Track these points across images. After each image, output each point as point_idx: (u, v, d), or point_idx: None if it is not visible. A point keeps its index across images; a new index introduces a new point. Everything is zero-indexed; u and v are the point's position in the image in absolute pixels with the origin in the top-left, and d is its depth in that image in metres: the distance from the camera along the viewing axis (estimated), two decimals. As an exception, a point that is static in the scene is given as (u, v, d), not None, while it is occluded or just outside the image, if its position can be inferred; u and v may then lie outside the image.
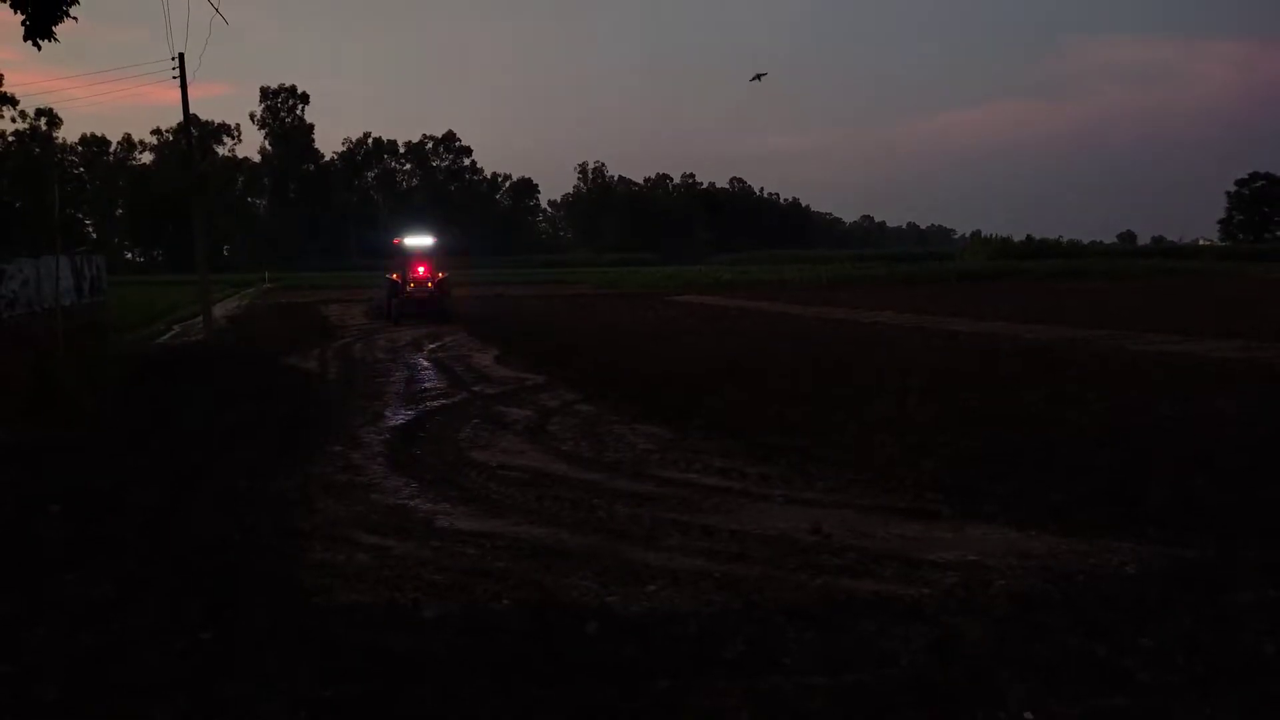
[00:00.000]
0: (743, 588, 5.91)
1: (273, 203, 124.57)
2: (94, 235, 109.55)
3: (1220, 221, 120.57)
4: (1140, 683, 4.46)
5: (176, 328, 30.35)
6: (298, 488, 8.70)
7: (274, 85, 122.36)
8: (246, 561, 6.51)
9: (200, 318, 29.75)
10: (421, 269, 31.39)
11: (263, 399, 14.08)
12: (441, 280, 31.33)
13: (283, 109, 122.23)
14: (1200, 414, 11.15)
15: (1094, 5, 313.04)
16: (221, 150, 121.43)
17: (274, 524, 7.50)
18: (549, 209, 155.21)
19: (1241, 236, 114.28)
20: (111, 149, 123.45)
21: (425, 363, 19.18)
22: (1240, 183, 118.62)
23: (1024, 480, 8.21)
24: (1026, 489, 7.93)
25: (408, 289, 30.76)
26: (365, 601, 5.80)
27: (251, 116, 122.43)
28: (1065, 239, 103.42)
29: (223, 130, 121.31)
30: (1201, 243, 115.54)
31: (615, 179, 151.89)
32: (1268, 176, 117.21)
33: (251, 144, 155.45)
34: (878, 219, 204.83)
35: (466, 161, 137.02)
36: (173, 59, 30.03)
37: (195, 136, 41.26)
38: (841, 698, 4.40)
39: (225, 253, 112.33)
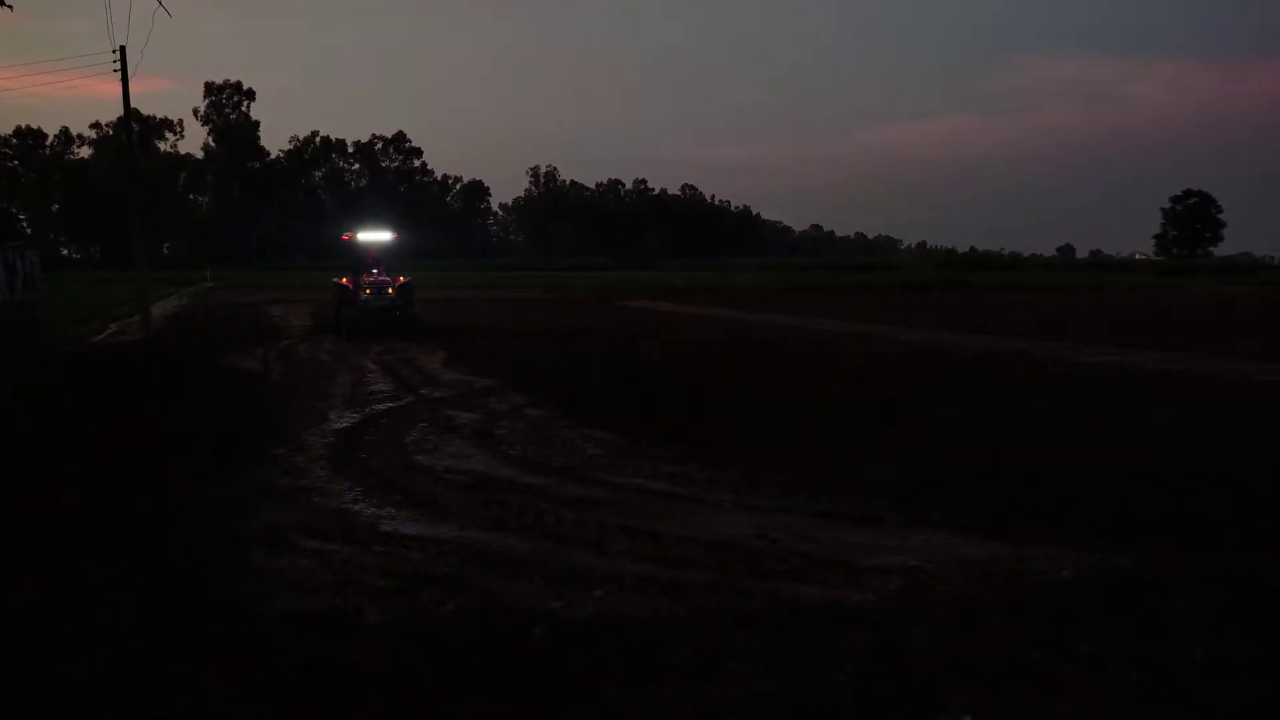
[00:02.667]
0: (690, 593, 5.90)
1: (216, 200, 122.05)
2: (28, 230, 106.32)
3: (1155, 236, 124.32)
4: (1079, 689, 4.54)
5: (113, 326, 29.53)
6: (238, 493, 8.50)
7: (218, 80, 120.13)
8: (183, 569, 6.33)
9: (138, 316, 29.02)
10: (378, 271, 25.76)
11: (203, 401, 13.75)
12: (404, 286, 25.36)
13: (227, 105, 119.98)
14: (1138, 425, 11.44)
15: (1038, 25, 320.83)
16: (163, 146, 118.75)
17: (213, 530, 7.31)
18: (500, 212, 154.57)
19: (1176, 251, 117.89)
20: (48, 142, 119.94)
21: (372, 365, 18.90)
22: (1175, 199, 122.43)
23: (968, 488, 8.34)
24: (970, 496, 8.05)
25: (362, 296, 24.87)
26: (306, 608, 5.67)
27: (195, 112, 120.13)
28: (1007, 251, 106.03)
29: (165, 125, 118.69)
30: (1137, 257, 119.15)
31: (567, 183, 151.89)
32: (1200, 194, 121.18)
33: (195, 140, 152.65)
34: (826, 228, 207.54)
35: (417, 163, 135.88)
36: (113, 52, 29.35)
37: (136, 131, 40.26)
38: (787, 704, 4.41)
39: (166, 250, 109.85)
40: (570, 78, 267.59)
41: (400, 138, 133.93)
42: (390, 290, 25.09)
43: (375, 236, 26.83)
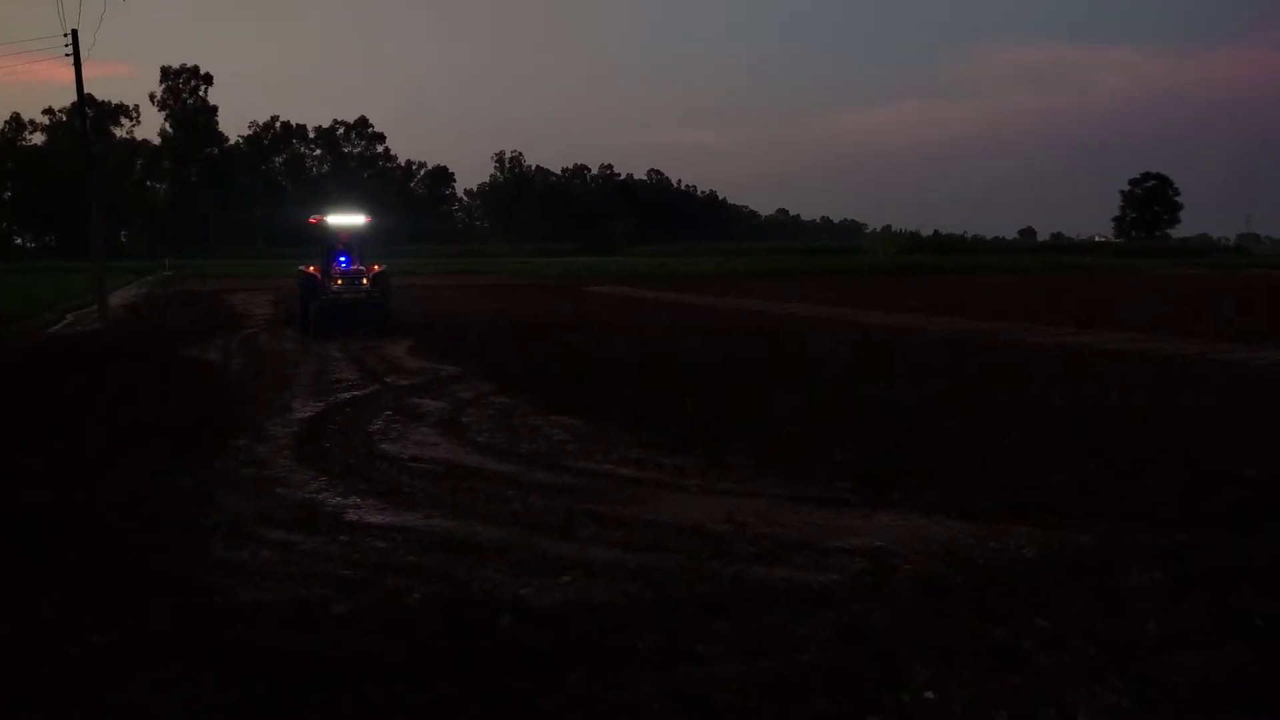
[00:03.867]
0: (657, 578, 5.94)
1: (174, 187, 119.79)
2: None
3: (1114, 219, 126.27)
4: (1036, 664, 4.64)
5: (70, 317, 28.99)
6: (200, 484, 8.41)
7: (175, 65, 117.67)
8: (145, 561, 6.26)
9: (96, 306, 28.50)
10: (351, 259, 23.10)
11: (162, 392, 13.55)
12: (380, 275, 22.88)
13: (184, 90, 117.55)
14: (1095, 404, 11.65)
15: (1001, 12, 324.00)
16: (119, 132, 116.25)
17: (175, 522, 7.23)
18: (465, 198, 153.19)
19: (1134, 233, 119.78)
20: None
21: (336, 354, 18.71)
22: (1133, 182, 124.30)
23: (930, 469, 8.45)
24: (932, 477, 8.17)
25: (332, 288, 22.33)
26: (270, 600, 5.64)
27: (151, 97, 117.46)
28: (970, 234, 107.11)
29: (120, 111, 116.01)
30: (1097, 239, 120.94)
31: (533, 169, 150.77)
32: (1158, 176, 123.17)
33: (151, 126, 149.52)
34: (793, 212, 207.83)
35: (380, 148, 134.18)
36: (65, 35, 28.73)
37: (91, 117, 39.42)
38: (753, 685, 4.46)
39: (123, 239, 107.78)
40: (535, 62, 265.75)
41: (363, 123, 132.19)
42: (365, 280, 22.49)
43: (347, 220, 24.15)
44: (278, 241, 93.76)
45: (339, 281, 22.46)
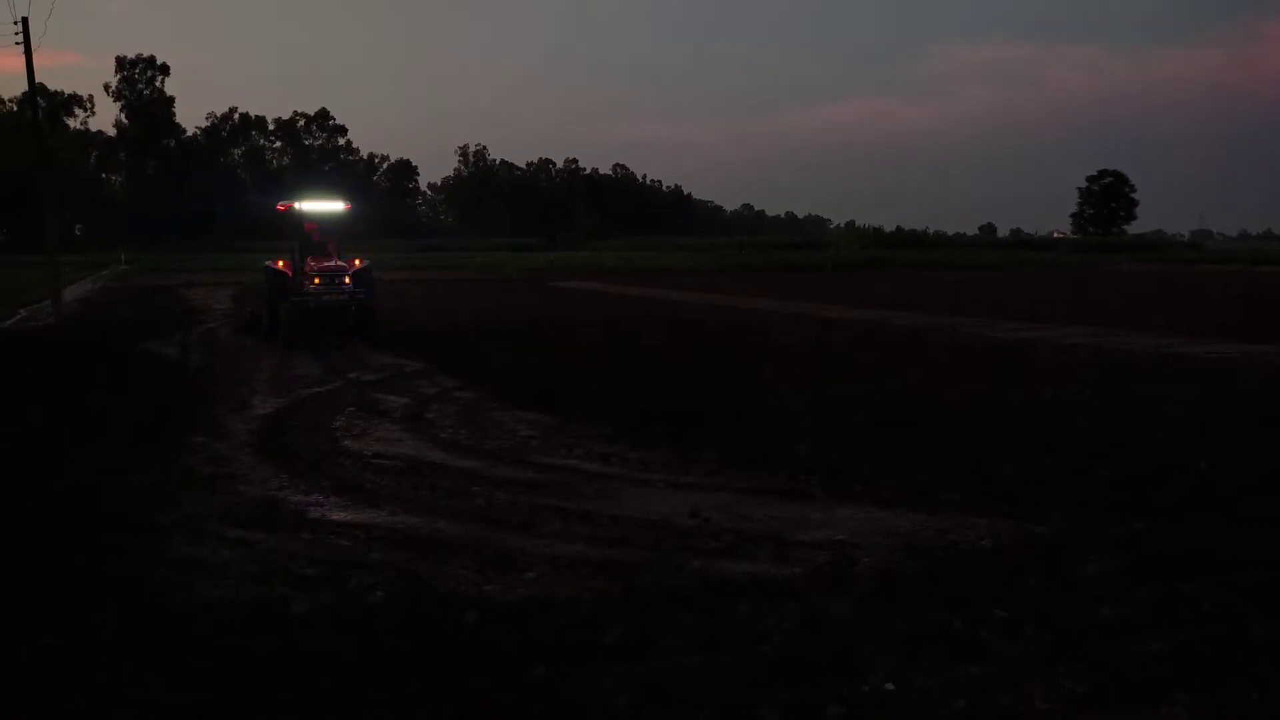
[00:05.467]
0: (622, 572, 5.95)
1: (130, 180, 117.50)
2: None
3: (1072, 215, 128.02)
4: (994, 652, 4.72)
5: (23, 312, 28.34)
6: (157, 481, 8.28)
7: (131, 55, 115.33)
8: (100, 560, 6.15)
9: (49, 301, 27.91)
10: (329, 253, 19.80)
11: (118, 388, 13.32)
12: (362, 272, 19.39)
13: (140, 80, 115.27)
14: (1051, 397, 11.85)
15: (963, 10, 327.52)
16: (73, 123, 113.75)
17: (131, 520, 7.11)
18: (429, 192, 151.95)
19: (1091, 229, 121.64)
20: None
21: (297, 349, 18.47)
22: (1090, 179, 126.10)
23: (891, 462, 8.55)
24: (893, 470, 8.26)
25: (308, 287, 18.82)
26: (230, 599, 5.57)
27: (106, 88, 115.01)
28: (932, 230, 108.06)
29: (74, 101, 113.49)
30: (1056, 235, 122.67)
31: (497, 163, 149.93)
32: (1115, 174, 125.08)
33: (106, 117, 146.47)
34: (757, 207, 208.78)
35: (342, 141, 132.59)
36: (15, 23, 28.10)
37: (43, 107, 38.53)
38: (716, 677, 4.49)
39: (78, 232, 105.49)
40: (499, 56, 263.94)
41: (324, 115, 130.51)
42: (346, 279, 19.05)
43: (323, 207, 20.46)
44: (238, 235, 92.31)
45: (316, 280, 18.89)
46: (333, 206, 20.67)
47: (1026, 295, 32.65)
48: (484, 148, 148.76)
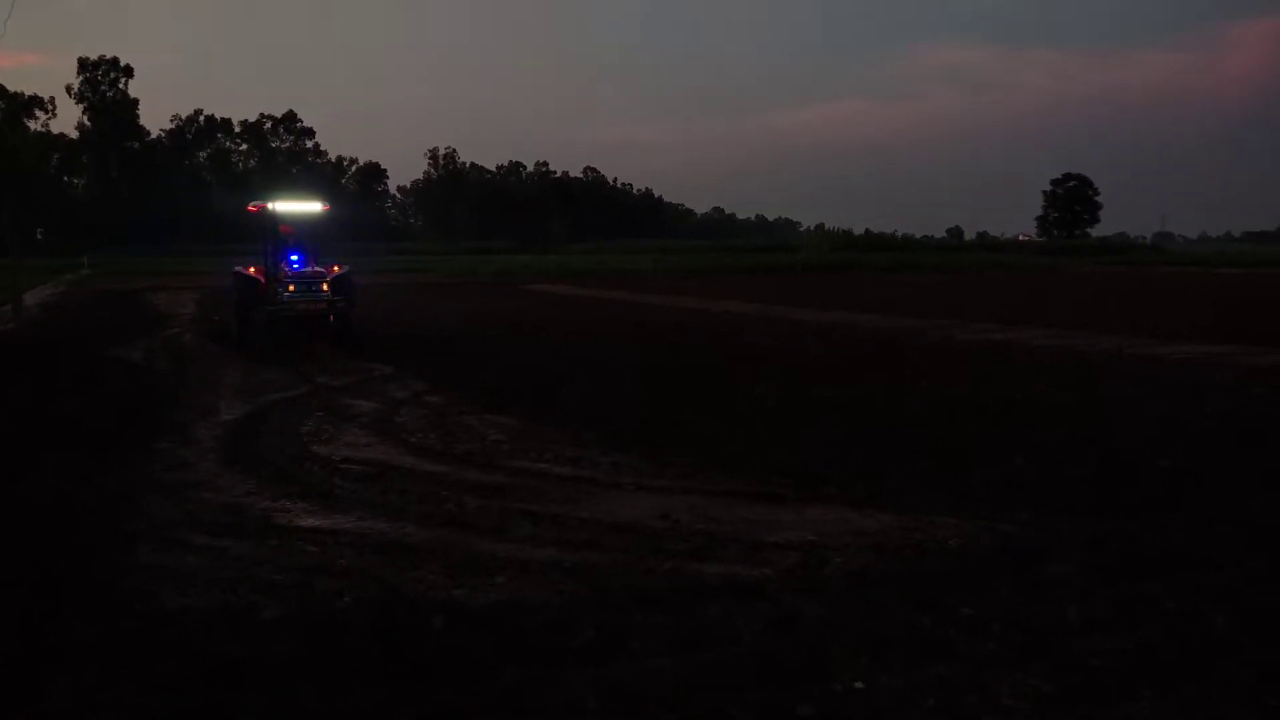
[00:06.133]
0: (592, 575, 5.95)
1: (93, 183, 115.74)
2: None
3: (1038, 218, 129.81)
4: (961, 651, 4.76)
5: (-19, 317, 27.81)
6: (123, 488, 8.16)
7: (93, 56, 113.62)
8: (64, 568, 6.05)
9: (10, 305, 27.41)
10: (305, 259, 18.73)
11: (82, 393, 13.09)
12: (341, 279, 18.40)
13: (103, 82, 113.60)
14: (1018, 398, 11.98)
15: (933, 13, 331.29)
16: (34, 125, 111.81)
17: (96, 527, 7.00)
18: (398, 195, 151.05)
19: (1056, 232, 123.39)
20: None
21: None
22: (1055, 182, 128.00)
23: (862, 464, 8.61)
24: (864, 472, 8.32)
25: (282, 295, 17.72)
26: (197, 605, 5.50)
27: (68, 89, 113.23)
28: (900, 233, 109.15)
29: (35, 103, 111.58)
30: (1021, 238, 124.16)
31: (467, 166, 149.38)
32: (1079, 177, 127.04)
33: (68, 119, 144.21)
34: (728, 210, 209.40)
35: (309, 143, 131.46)
36: (-27, 22, 27.51)
37: (2, 109, 37.83)
38: (687, 679, 4.50)
39: (39, 236, 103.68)
40: (469, 59, 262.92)
41: (291, 117, 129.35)
42: (325, 286, 17.91)
43: (298, 208, 19.50)
44: (203, 239, 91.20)
45: (291, 287, 17.71)
46: (309, 207, 19.68)
47: (994, 298, 33.02)
48: (454, 151, 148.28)
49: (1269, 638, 4.87)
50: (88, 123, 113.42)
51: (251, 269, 18.70)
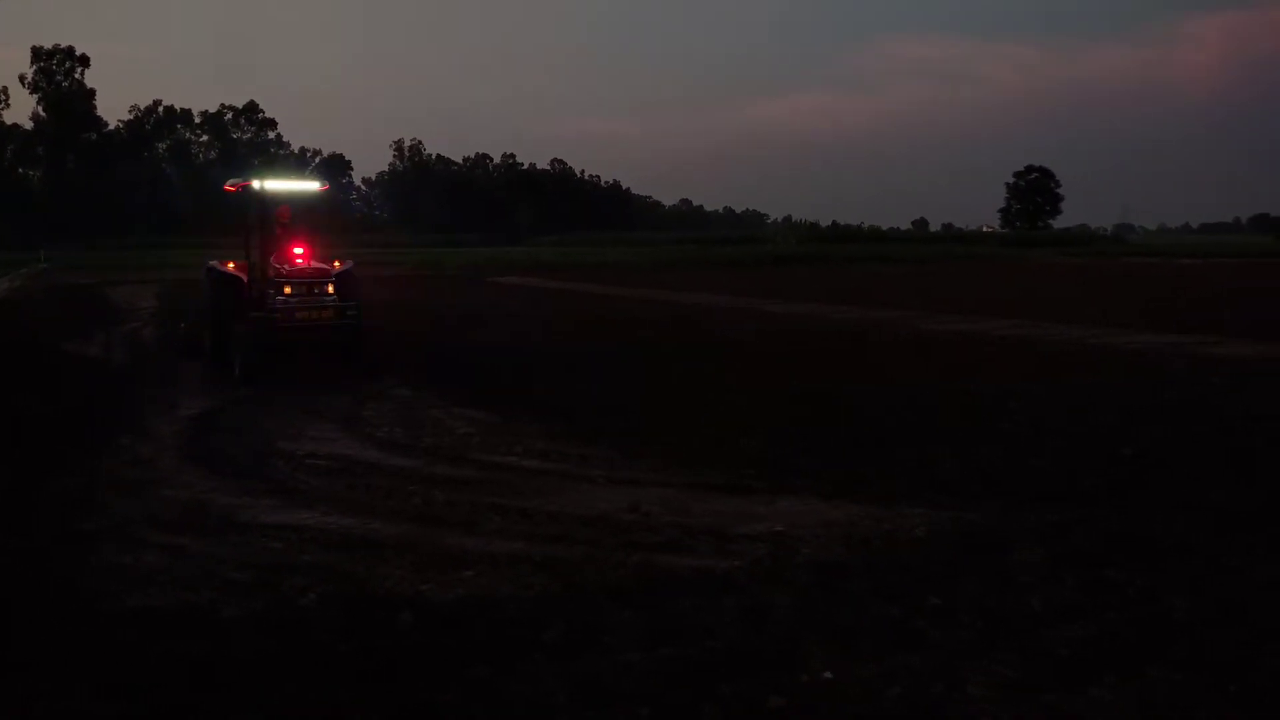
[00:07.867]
0: (562, 569, 5.91)
1: (49, 175, 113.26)
2: None
3: (1001, 210, 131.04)
4: (929, 639, 4.79)
5: (-67, 312, 27.14)
6: (80, 485, 7.99)
7: (48, 46, 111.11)
8: (19, 569, 5.91)
9: (-38, 301, 26.77)
10: (301, 251, 14.17)
11: (39, 390, 12.80)
12: (345, 276, 14.24)
13: (58, 72, 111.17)
14: (983, 388, 12.10)
15: (903, 6, 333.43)
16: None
17: (53, 526, 6.85)
18: (363, 187, 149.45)
19: (1019, 224, 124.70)
20: None
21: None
22: (1017, 174, 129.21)
23: (831, 454, 8.65)
24: (834, 463, 8.35)
25: (275, 300, 13.43)
26: (157, 605, 5.39)
27: (22, 79, 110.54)
28: (867, 225, 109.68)
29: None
30: (985, 229, 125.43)
31: (433, 157, 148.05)
32: (1041, 169, 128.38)
33: (22, 109, 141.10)
34: (696, 202, 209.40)
35: (271, 135, 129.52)
36: (-79, 9, 26.81)
37: (-48, 98, 36.85)
38: (658, 672, 4.48)
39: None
40: (434, 50, 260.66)
41: (252, 108, 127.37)
42: (330, 287, 13.75)
43: (291, 186, 15.37)
44: (163, 231, 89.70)
45: (288, 290, 13.46)
46: (306, 186, 15.75)
47: (959, 289, 33.33)
48: (420, 143, 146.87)
49: (1231, 623, 4.95)
50: (43, 113, 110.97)
51: (231, 265, 14.72)
